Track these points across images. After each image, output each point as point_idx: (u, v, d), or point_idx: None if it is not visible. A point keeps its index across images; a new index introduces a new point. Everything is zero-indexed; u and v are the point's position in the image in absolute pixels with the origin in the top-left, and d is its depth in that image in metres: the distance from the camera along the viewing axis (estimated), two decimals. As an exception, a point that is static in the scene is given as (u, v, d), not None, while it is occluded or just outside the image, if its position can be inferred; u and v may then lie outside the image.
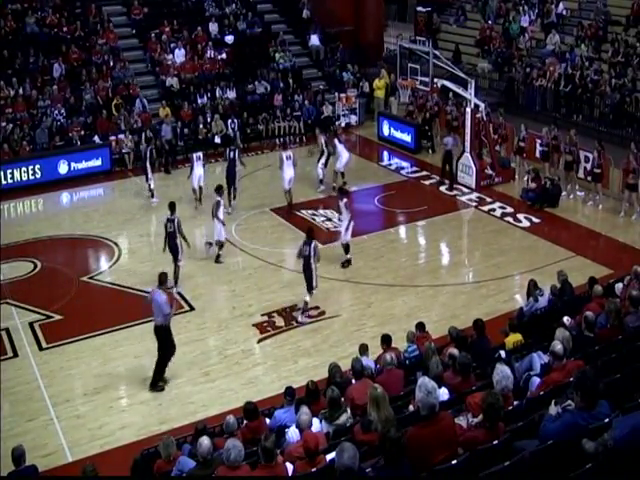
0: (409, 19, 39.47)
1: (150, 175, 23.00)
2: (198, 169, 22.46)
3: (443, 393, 9.24)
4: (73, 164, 25.27)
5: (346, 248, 18.68)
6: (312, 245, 16.38)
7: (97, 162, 25.58)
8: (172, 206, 17.81)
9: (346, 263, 18.67)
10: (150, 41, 31.00)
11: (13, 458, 9.91)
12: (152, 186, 22.99)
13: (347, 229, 18.57)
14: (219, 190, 19.17)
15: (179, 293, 17.47)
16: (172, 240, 17.57)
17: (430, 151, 27.12)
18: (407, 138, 27.29)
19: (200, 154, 22.95)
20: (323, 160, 23.34)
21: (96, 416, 13.55)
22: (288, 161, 21.76)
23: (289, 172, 21.78)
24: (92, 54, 29.86)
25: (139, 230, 21.38)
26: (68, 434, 13.07)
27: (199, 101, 28.98)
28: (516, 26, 31.65)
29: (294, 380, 13.05)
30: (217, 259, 18.97)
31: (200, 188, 22.43)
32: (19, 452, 10.01)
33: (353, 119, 30.43)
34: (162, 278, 14.48)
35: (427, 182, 24.31)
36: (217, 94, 29.28)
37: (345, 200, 18.66)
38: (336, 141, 23.43)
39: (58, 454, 12.59)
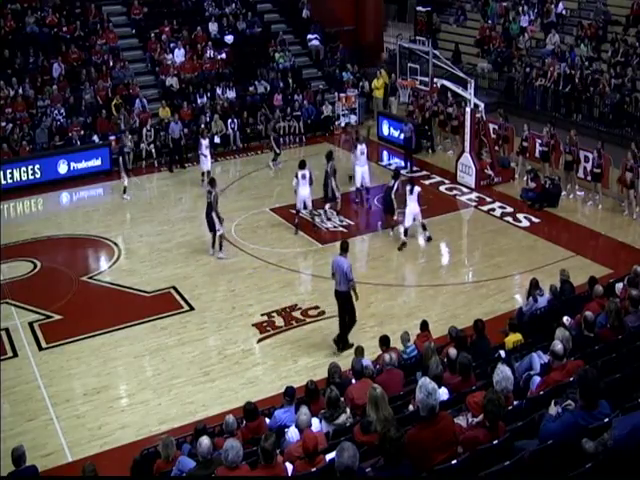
0: (409, 19, 39.48)
1: (123, 174, 23.33)
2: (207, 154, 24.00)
3: (443, 393, 9.23)
4: (73, 164, 25.23)
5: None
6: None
7: (97, 162, 25.53)
8: (212, 181, 19.41)
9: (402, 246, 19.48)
10: (150, 41, 30.97)
11: (13, 458, 9.88)
12: (126, 183, 23.28)
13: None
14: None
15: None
16: (209, 210, 18.88)
17: (430, 151, 27.12)
18: (407, 138, 27.23)
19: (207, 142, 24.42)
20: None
21: (96, 416, 13.54)
22: (303, 180, 20.59)
23: (304, 192, 20.63)
24: (92, 54, 29.84)
25: (139, 230, 21.36)
26: (68, 434, 13.07)
27: (199, 101, 28.96)
28: (516, 26, 31.66)
29: (294, 380, 13.06)
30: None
31: (208, 172, 23.62)
32: (19, 452, 9.97)
33: (353, 119, 30.40)
34: (344, 245, 15.18)
35: (427, 182, 24.30)
36: (217, 94, 29.26)
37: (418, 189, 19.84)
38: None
39: (58, 454, 12.58)
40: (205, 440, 8.83)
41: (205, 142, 24.34)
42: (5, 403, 14.02)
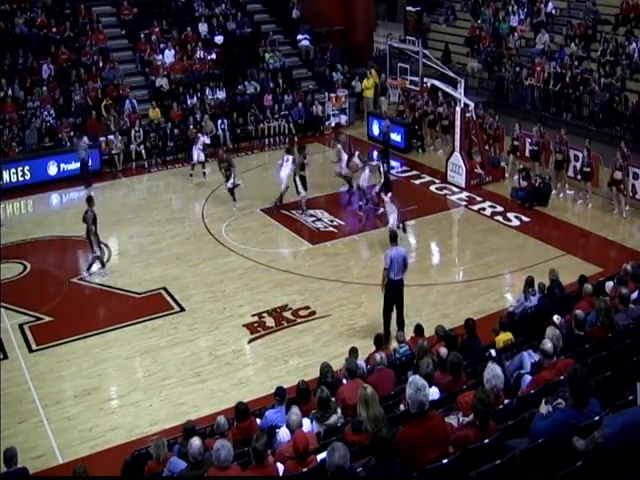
0: (399, 19, 39.51)
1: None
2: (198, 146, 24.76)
3: (434, 392, 9.24)
4: (63, 165, 25.20)
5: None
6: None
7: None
8: (90, 200, 18.85)
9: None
10: (140, 41, 30.93)
11: (4, 459, 9.90)
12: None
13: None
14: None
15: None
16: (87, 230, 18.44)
17: (420, 150, 27.14)
18: (397, 138, 27.30)
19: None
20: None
21: (87, 417, 13.51)
22: (286, 163, 21.94)
23: (283, 173, 22.05)
24: (81, 55, 29.78)
25: (129, 231, 21.31)
26: (59, 436, 13.03)
27: (189, 101, 28.91)
28: (506, 25, 31.69)
29: (285, 380, 13.03)
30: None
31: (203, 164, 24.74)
32: (11, 454, 9.99)
33: (343, 119, 30.44)
34: (393, 236, 15.56)
35: (417, 181, 24.33)
36: (207, 94, 29.22)
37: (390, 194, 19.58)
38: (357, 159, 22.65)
39: (49, 456, 12.55)
40: (196, 441, 8.81)
41: (203, 138, 24.93)
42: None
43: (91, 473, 9.54)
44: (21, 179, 24.52)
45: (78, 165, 25.03)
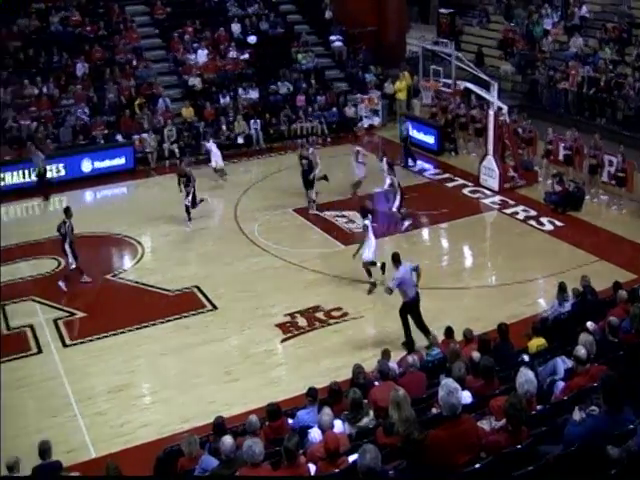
0: (432, 21, 39.48)
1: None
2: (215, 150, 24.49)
3: (466, 396, 9.23)
4: (97, 162, 25.48)
5: (368, 270, 17.64)
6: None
7: (121, 160, 25.73)
8: (67, 210, 18.42)
9: (372, 287, 17.53)
10: (173, 41, 31.15)
11: (39, 452, 10.07)
12: None
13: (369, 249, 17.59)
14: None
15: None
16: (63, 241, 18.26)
17: (453, 153, 27.05)
18: (430, 140, 27.25)
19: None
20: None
21: (118, 413, 13.62)
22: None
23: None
24: (115, 53, 30.04)
25: (162, 229, 21.42)
26: (91, 430, 13.16)
27: (221, 101, 29.07)
28: (539, 28, 31.55)
29: (316, 381, 12.94)
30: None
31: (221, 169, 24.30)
32: (46, 447, 10.19)
33: (376, 121, 30.41)
34: (395, 256, 15.19)
35: (450, 184, 24.28)
36: (239, 94, 29.35)
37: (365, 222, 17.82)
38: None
39: (81, 450, 12.66)
40: (228, 439, 8.89)
41: (209, 145, 25.09)
42: (29, 399, 14.20)
43: (123, 469, 9.57)
44: (55, 175, 24.85)
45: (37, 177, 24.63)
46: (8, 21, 29.95)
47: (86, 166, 25.34)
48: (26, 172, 24.45)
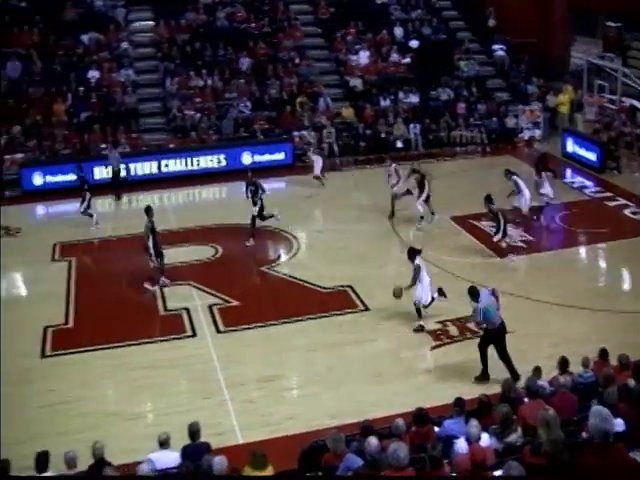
0: (598, 34, 38.25)
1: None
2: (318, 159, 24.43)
3: (618, 424, 8.81)
4: (257, 156, 26.00)
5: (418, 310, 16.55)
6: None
7: (280, 156, 26.21)
8: (148, 209, 18.32)
9: (419, 329, 16.34)
10: (335, 41, 31.44)
11: (190, 433, 10.34)
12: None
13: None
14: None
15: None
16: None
17: (615, 172, 26.08)
18: (592, 157, 26.39)
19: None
20: (423, 196, 21.47)
21: (267, 403, 13.77)
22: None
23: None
24: (278, 50, 30.60)
25: (317, 226, 21.71)
26: (240, 416, 13.35)
27: (381, 103, 29.13)
28: None
29: (463, 391, 12.75)
30: None
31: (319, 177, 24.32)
32: (195, 428, 10.45)
33: (537, 133, 29.73)
34: (473, 291, 14.43)
35: (611, 203, 23.41)
36: (400, 97, 29.30)
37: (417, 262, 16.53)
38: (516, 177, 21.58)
39: (229, 434, 12.86)
40: (373, 440, 8.87)
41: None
42: (183, 379, 14.58)
43: (269, 458, 9.63)
44: (216, 166, 25.51)
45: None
46: (177, 15, 31.05)
47: (246, 159, 25.91)
48: (189, 160, 25.24)
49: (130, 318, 17.03)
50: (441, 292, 16.64)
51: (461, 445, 9.17)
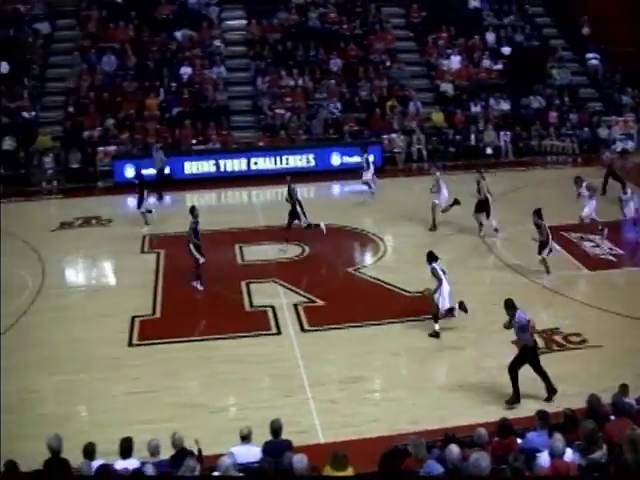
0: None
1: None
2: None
3: None
4: (345, 157, 26.09)
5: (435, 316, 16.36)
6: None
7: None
8: (193, 210, 18.31)
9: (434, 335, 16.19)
10: (427, 45, 31.33)
11: (272, 429, 10.43)
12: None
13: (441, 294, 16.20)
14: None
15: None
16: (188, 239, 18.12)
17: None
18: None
19: None
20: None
21: (349, 404, 13.75)
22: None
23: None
24: (369, 52, 30.65)
25: (405, 230, 21.52)
26: (321, 416, 13.37)
27: (472, 109, 28.92)
28: None
29: (547, 405, 12.66)
30: None
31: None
32: (278, 425, 10.54)
33: (629, 145, 29.12)
34: (509, 303, 14.06)
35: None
36: (491, 104, 29.03)
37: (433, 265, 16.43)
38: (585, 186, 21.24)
39: (311, 433, 12.90)
40: (455, 448, 8.84)
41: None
42: (265, 376, 14.71)
43: (350, 459, 9.63)
44: (305, 165, 25.70)
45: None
46: (269, 14, 31.39)
47: (335, 160, 26.01)
48: (278, 159, 25.49)
49: (216, 312, 17.33)
50: (462, 306, 16.43)
51: (544, 458, 9.08)
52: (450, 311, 16.31)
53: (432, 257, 16.41)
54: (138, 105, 28.42)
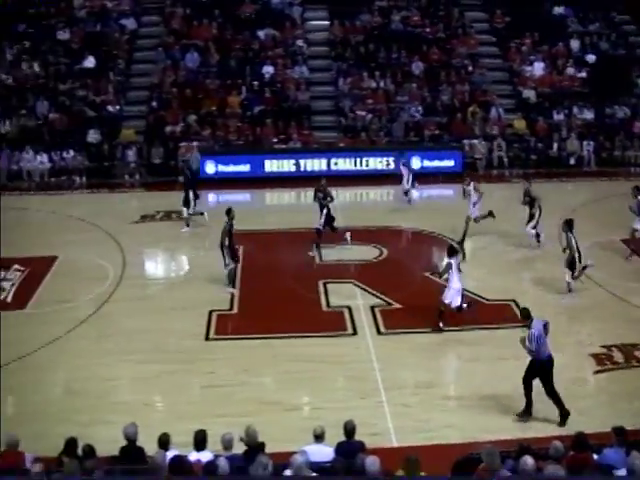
0: None
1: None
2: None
3: None
4: (426, 161, 26.08)
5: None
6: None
7: (449, 163, 26.21)
8: (229, 211, 18.14)
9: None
10: (510, 51, 31.05)
11: (346, 430, 10.46)
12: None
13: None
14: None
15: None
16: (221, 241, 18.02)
17: None
18: None
19: None
20: (532, 223, 20.69)
21: (424, 409, 13.74)
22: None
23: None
24: (452, 57, 30.52)
25: (481, 238, 21.34)
26: (395, 419, 13.37)
27: (555, 117, 28.56)
28: None
29: (626, 422, 12.31)
30: None
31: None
32: (351, 426, 10.56)
33: None
34: (525, 312, 13.72)
35: None
36: (574, 112, 28.64)
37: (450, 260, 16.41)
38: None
39: (384, 436, 12.91)
40: (530, 460, 8.76)
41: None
42: (340, 377, 14.80)
43: (423, 464, 9.63)
44: (385, 168, 25.79)
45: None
46: (352, 15, 31.52)
47: (415, 163, 26.02)
48: (358, 160, 25.61)
49: (293, 311, 17.48)
50: (470, 305, 16.55)
51: (622, 476, 8.97)
52: (459, 309, 16.40)
53: (452, 251, 16.58)
54: (220, 102, 28.84)
